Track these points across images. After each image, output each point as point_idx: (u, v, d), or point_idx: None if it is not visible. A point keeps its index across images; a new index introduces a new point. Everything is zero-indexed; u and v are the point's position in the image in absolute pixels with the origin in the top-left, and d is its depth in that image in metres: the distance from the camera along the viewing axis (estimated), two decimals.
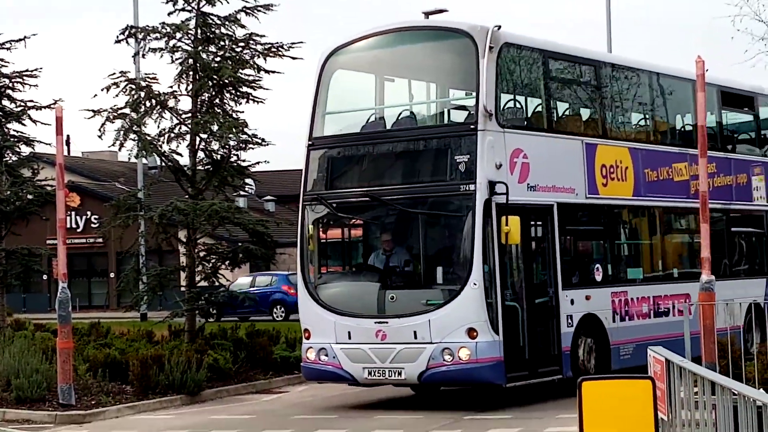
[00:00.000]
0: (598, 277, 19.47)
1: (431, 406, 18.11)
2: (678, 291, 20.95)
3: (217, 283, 24.25)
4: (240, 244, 24.37)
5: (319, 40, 19.18)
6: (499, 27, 17.55)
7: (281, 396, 20.61)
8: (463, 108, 18.77)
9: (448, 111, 19.14)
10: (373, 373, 17.49)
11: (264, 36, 23.22)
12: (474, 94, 17.56)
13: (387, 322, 17.35)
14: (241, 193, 26.65)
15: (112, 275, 55.00)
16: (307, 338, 18.19)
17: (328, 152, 18.69)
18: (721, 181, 22.06)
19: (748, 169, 23.23)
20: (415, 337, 17.09)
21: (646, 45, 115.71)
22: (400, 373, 17.30)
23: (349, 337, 17.60)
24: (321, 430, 16.48)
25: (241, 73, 23.02)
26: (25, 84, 28.95)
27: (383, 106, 19.22)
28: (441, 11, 18.91)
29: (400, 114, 18.85)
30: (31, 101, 29.06)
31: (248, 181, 26.33)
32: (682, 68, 22.56)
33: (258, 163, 24.46)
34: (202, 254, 23.54)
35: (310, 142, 18.69)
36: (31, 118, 28.88)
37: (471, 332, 16.78)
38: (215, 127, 22.55)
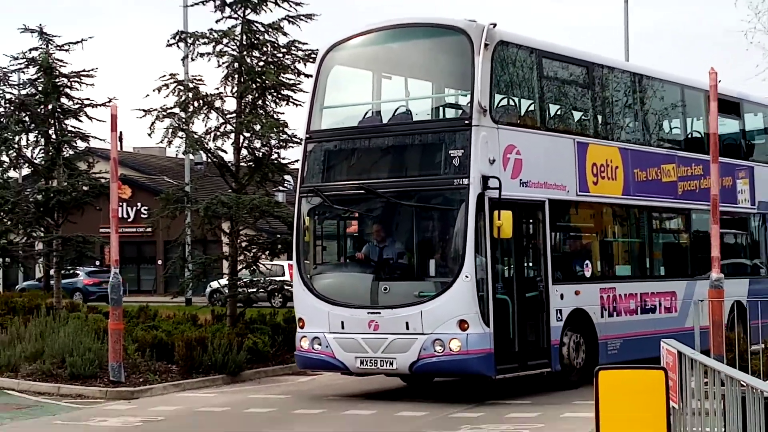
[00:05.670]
0: (587, 273, 18.71)
1: (454, 394, 17.49)
2: (665, 289, 20.37)
3: (258, 272, 24.39)
4: (279, 235, 24.31)
5: None
6: (495, 25, 16.79)
7: (315, 378, 20.04)
8: (457, 105, 18.06)
9: (444, 107, 18.30)
10: (365, 363, 16.72)
11: (306, 43, 23.19)
12: (469, 90, 16.76)
13: (380, 313, 16.57)
14: (281, 188, 26.55)
15: (159, 262, 54.90)
16: (302, 327, 17.38)
17: (325, 145, 17.89)
18: (708, 183, 21.34)
19: (733, 173, 22.47)
20: (407, 328, 16.30)
21: (662, 56, 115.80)
22: (391, 363, 16.51)
23: (342, 327, 16.81)
24: (352, 411, 16.06)
25: (283, 77, 23.00)
26: (82, 83, 29.98)
27: (380, 101, 18.42)
28: None
29: (396, 109, 18.01)
30: (88, 99, 30.13)
31: (287, 177, 26.27)
32: (672, 73, 22.12)
33: (297, 160, 24.16)
34: (243, 244, 23.72)
35: (307, 135, 17.99)
36: (87, 115, 29.80)
37: (462, 324, 16.00)
38: (258, 127, 22.63)
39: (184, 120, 22.84)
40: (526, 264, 17.57)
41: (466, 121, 16.56)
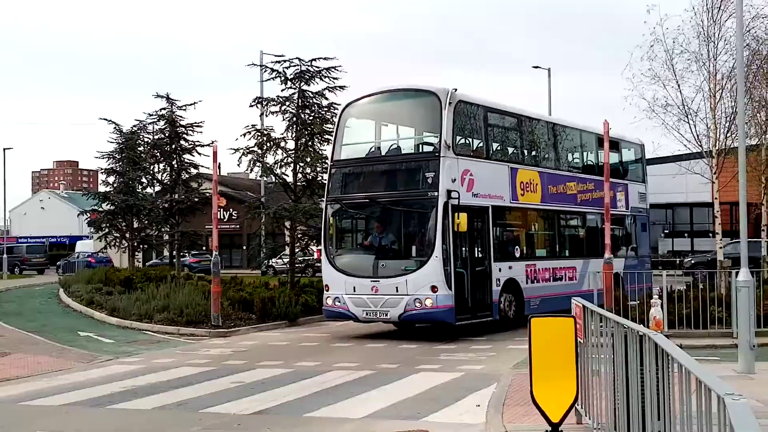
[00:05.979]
0: (517, 255, 17.84)
1: (434, 335, 16.67)
2: (568, 265, 19.50)
3: (307, 253, 24.54)
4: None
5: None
6: (456, 89, 16.02)
7: (344, 324, 19.19)
8: (430, 143, 17.23)
9: (422, 144, 17.45)
10: (369, 314, 15.95)
11: (340, 105, 22.32)
12: (438, 133, 15.95)
13: (379, 281, 15.81)
14: (322, 199, 26.26)
15: (244, 248, 54.05)
16: (327, 290, 16.57)
17: (343, 169, 17.06)
18: (599, 195, 20.42)
19: (615, 188, 21.58)
20: (397, 291, 15.53)
21: (574, 109, 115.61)
22: (386, 314, 15.74)
23: (354, 290, 16.05)
24: (369, 344, 15.49)
25: (325, 127, 22.31)
26: (194, 131, 30.67)
27: (379, 140, 17.58)
28: None
29: (390, 146, 17.20)
30: (198, 141, 30.89)
31: None
32: (574, 121, 21.29)
33: None
34: (299, 236, 23.34)
35: (331, 163, 17.21)
36: (197, 152, 30.62)
37: (433, 288, 15.25)
38: (308, 160, 22.36)
39: (260, 155, 22.56)
40: (476, 248, 16.70)
41: (437, 154, 15.78)
